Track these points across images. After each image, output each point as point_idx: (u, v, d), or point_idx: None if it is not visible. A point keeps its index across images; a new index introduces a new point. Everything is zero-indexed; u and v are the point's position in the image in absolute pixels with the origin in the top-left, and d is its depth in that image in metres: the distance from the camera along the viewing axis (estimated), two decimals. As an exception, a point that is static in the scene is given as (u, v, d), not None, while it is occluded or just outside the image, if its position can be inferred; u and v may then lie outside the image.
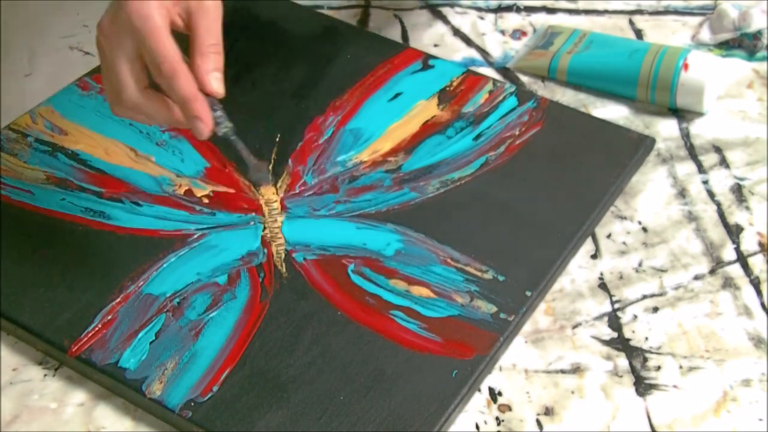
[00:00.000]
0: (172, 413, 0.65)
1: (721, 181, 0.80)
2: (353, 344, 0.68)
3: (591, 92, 0.87)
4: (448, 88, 0.86)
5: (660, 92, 0.84)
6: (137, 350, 0.68)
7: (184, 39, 0.66)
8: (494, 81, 0.87)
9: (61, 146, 0.82)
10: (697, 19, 0.94)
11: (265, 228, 0.76)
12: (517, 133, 0.82)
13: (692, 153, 0.82)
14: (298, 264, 0.73)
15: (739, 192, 0.79)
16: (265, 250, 0.74)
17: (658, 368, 0.68)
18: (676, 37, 0.92)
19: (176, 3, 0.65)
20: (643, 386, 0.67)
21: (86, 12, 0.99)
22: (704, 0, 0.96)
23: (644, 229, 0.76)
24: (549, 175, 0.78)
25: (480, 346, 0.67)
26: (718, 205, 0.78)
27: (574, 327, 0.70)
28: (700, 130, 0.84)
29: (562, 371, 0.68)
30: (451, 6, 0.97)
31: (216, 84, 0.66)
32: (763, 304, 0.71)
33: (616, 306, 0.71)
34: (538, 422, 0.65)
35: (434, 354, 0.67)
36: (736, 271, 0.73)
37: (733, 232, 0.76)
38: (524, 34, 0.94)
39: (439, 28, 0.95)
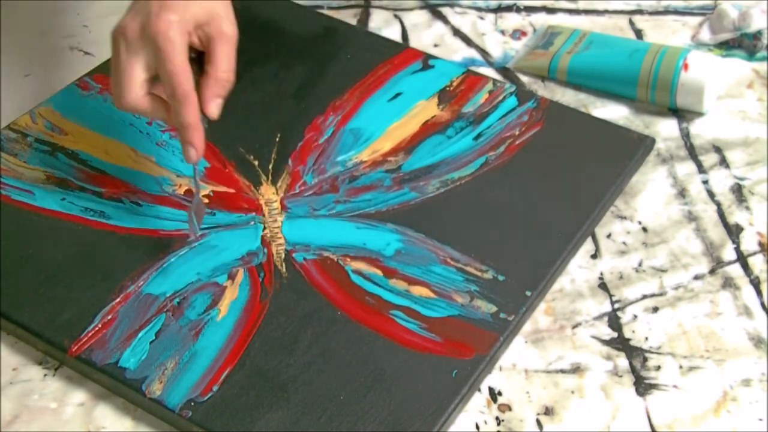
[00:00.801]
0: (172, 413, 0.65)
1: (721, 181, 0.80)
2: (353, 344, 0.68)
3: (591, 92, 0.87)
4: (448, 88, 0.86)
5: (660, 92, 0.84)
6: (137, 350, 0.68)
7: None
8: (494, 81, 0.87)
9: (61, 146, 0.82)
10: (697, 19, 0.94)
11: (265, 228, 0.76)
12: (517, 133, 0.82)
13: (692, 153, 0.82)
14: (298, 264, 0.73)
15: (739, 192, 0.79)
16: (265, 250, 0.74)
17: (658, 368, 0.68)
18: (676, 37, 0.92)
19: (198, 26, 0.70)
20: (643, 386, 0.67)
21: (86, 12, 0.99)
22: (704, 0, 0.96)
23: (644, 229, 0.76)
24: (549, 175, 0.78)
25: (480, 346, 0.67)
26: (718, 205, 0.78)
27: (574, 327, 0.70)
28: (700, 130, 0.84)
29: (562, 371, 0.68)
30: (451, 6, 0.97)
31: (216, 110, 0.70)
32: (763, 304, 0.71)
33: (616, 306, 0.71)
34: (538, 422, 0.65)
35: (434, 354, 0.67)
36: (736, 271, 0.73)
37: (733, 232, 0.76)
38: (524, 34, 0.94)
39: (439, 28, 0.95)
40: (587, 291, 0.73)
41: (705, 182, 0.80)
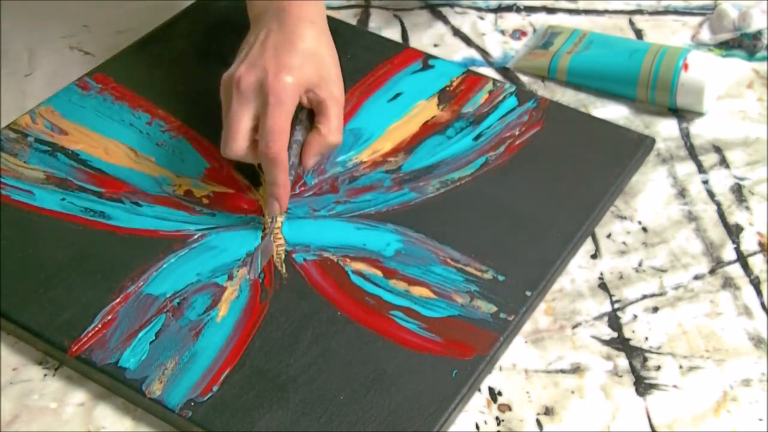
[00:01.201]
0: (172, 413, 0.65)
1: (721, 181, 0.80)
2: (353, 344, 0.68)
3: (591, 92, 0.87)
4: (448, 88, 0.86)
5: (660, 92, 0.84)
6: (137, 350, 0.68)
7: None
8: (494, 81, 0.87)
9: (61, 146, 0.82)
10: (697, 19, 0.94)
11: (265, 228, 0.76)
12: (517, 133, 0.82)
13: (692, 153, 0.82)
14: (298, 264, 0.73)
15: (739, 192, 0.79)
16: (265, 250, 0.74)
17: (658, 368, 0.68)
18: (676, 37, 0.92)
19: (310, 89, 0.74)
20: (643, 386, 0.67)
21: (86, 12, 0.99)
22: (704, 0, 0.96)
23: (644, 229, 0.76)
24: (549, 175, 0.78)
25: (480, 346, 0.67)
26: (718, 205, 0.78)
27: (574, 327, 0.70)
28: (700, 130, 0.84)
29: (562, 371, 0.68)
30: (451, 6, 0.97)
31: (312, 164, 0.76)
32: (763, 304, 0.71)
33: (616, 306, 0.71)
34: (538, 422, 0.65)
35: (434, 354, 0.67)
36: (736, 271, 0.73)
37: (733, 232, 0.76)
38: (524, 34, 0.94)
39: (439, 28, 0.95)
40: (587, 291, 0.73)
41: (705, 182, 0.80)
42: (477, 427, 0.65)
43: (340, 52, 0.77)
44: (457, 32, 0.95)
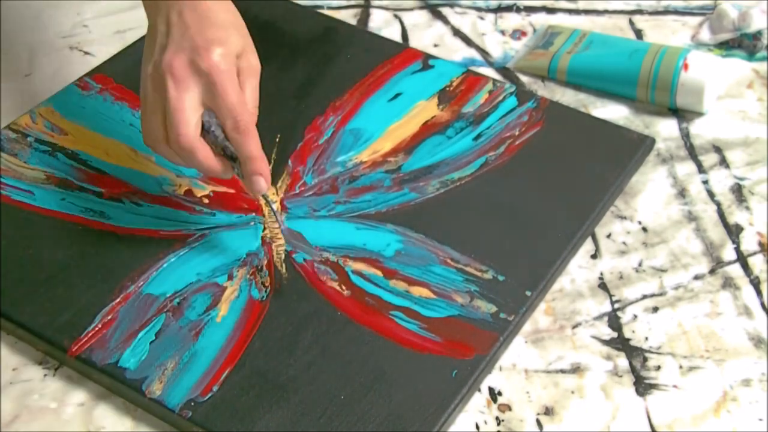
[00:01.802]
0: (172, 413, 0.65)
1: (721, 181, 0.80)
2: (353, 344, 0.68)
3: (591, 92, 0.87)
4: (448, 88, 0.86)
5: (660, 92, 0.84)
6: (137, 350, 0.68)
7: None
8: (494, 81, 0.87)
9: (61, 146, 0.82)
10: (697, 19, 0.94)
11: (265, 228, 0.76)
12: (517, 133, 0.82)
13: (692, 153, 0.82)
14: (298, 264, 0.73)
15: (739, 192, 0.79)
16: (265, 250, 0.74)
17: (658, 368, 0.68)
18: (676, 37, 0.92)
19: (237, 57, 0.69)
20: (643, 386, 0.67)
21: (86, 12, 0.99)
22: (704, 0, 0.96)
23: (644, 229, 0.76)
24: (549, 175, 0.78)
25: (480, 346, 0.67)
26: (718, 205, 0.78)
27: (574, 327, 0.70)
28: (700, 130, 0.84)
29: (562, 371, 0.68)
30: (451, 6, 0.97)
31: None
32: (763, 304, 0.71)
33: (616, 306, 0.71)
34: (538, 422, 0.65)
35: (434, 354, 0.67)
36: (736, 271, 0.73)
37: (733, 232, 0.76)
38: (524, 34, 0.94)
39: (439, 28, 0.95)
40: (587, 291, 0.73)
41: (705, 182, 0.80)
42: (477, 427, 0.65)
43: (340, 52, 0.77)
44: (457, 32, 0.95)
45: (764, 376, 0.67)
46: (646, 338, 0.69)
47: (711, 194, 0.79)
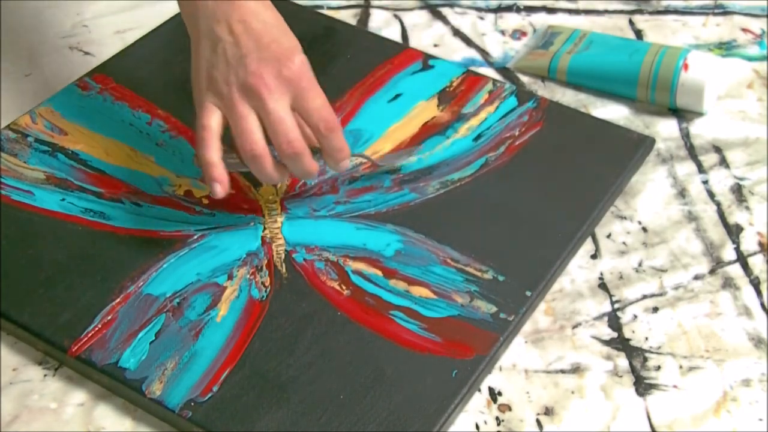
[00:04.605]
0: (172, 413, 0.65)
1: (721, 181, 0.80)
2: (353, 344, 0.68)
3: (591, 92, 0.87)
4: (448, 89, 0.86)
5: (660, 92, 0.84)
6: (137, 350, 0.68)
7: None
8: (494, 81, 0.87)
9: (61, 146, 0.82)
10: (697, 19, 0.94)
11: (264, 228, 0.76)
12: (517, 133, 0.82)
13: (692, 153, 0.82)
14: (298, 264, 0.73)
15: (739, 192, 0.79)
16: (265, 250, 0.74)
17: (658, 368, 0.68)
18: (676, 37, 0.92)
19: None
20: (643, 386, 0.67)
21: (86, 12, 0.99)
22: (704, 0, 0.96)
23: (644, 229, 0.76)
24: (549, 175, 0.78)
25: (480, 346, 0.67)
26: (718, 205, 0.78)
27: (574, 327, 0.70)
28: (700, 130, 0.84)
29: (562, 371, 0.68)
30: (451, 6, 0.97)
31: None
32: (763, 304, 0.71)
33: (616, 306, 0.71)
34: (538, 422, 0.65)
35: (434, 354, 0.67)
36: (736, 271, 0.73)
37: (733, 232, 0.76)
38: (524, 34, 0.94)
39: (439, 28, 0.95)
40: (587, 291, 0.73)
41: (705, 182, 0.80)
42: (477, 427, 0.65)
43: (340, 52, 0.77)
44: (457, 32, 0.95)
45: (764, 376, 0.67)
46: (646, 338, 0.69)
47: (711, 194, 0.79)
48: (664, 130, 0.84)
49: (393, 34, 0.95)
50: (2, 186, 0.79)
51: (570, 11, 0.96)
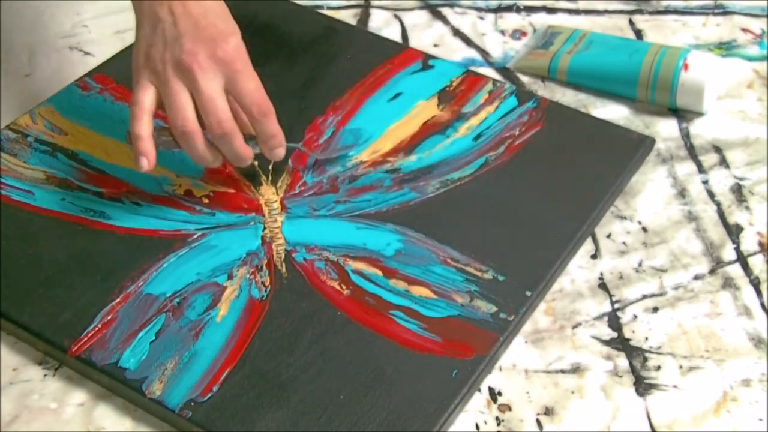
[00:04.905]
0: (172, 413, 0.65)
1: (721, 181, 0.80)
2: (353, 344, 0.68)
3: (591, 92, 0.87)
4: (447, 88, 0.86)
5: (660, 92, 0.84)
6: (137, 350, 0.68)
7: None
8: (494, 81, 0.87)
9: (61, 146, 0.82)
10: (697, 19, 0.94)
11: (265, 228, 0.76)
12: (517, 133, 0.82)
13: (692, 153, 0.82)
14: (298, 264, 0.73)
15: (739, 192, 0.79)
16: (265, 250, 0.74)
17: (658, 368, 0.68)
18: (676, 37, 0.92)
19: None
20: (643, 386, 0.67)
21: (86, 12, 0.99)
22: (704, 0, 0.96)
23: (644, 229, 0.76)
24: (549, 175, 0.78)
25: (480, 346, 0.67)
26: (718, 205, 0.78)
27: (574, 327, 0.70)
28: (700, 130, 0.84)
29: (562, 371, 0.68)
30: (451, 6, 0.97)
31: None
32: (763, 304, 0.71)
33: (616, 306, 0.71)
34: (538, 422, 0.65)
35: (434, 354, 0.67)
36: (736, 271, 0.73)
37: (733, 232, 0.76)
38: (524, 34, 0.94)
39: (439, 28, 0.95)
40: (587, 291, 0.73)
41: (705, 182, 0.80)
42: (477, 427, 0.65)
43: (340, 52, 0.77)
44: (457, 32, 0.95)
45: (764, 376, 0.67)
46: (646, 338, 0.69)
47: (711, 194, 0.79)
48: (664, 130, 0.84)
49: (393, 34, 0.95)
50: (2, 186, 0.79)
51: (570, 11, 0.96)
